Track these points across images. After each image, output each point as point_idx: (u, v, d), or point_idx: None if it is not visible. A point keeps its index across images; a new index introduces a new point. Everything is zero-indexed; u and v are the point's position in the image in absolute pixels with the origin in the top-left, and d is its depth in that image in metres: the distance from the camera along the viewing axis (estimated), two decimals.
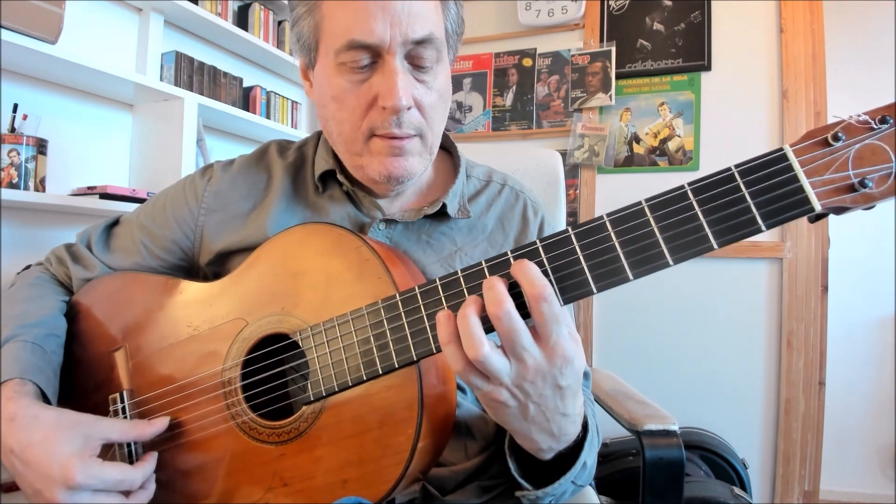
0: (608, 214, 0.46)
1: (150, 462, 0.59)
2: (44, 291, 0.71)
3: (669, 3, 2.30)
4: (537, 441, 0.51)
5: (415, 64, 0.59)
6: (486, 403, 0.49)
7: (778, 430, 2.06)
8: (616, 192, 2.34)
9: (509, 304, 0.43)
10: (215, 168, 0.75)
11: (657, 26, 2.31)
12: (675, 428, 0.85)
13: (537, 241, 0.47)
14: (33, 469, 0.52)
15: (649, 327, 2.25)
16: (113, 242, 0.75)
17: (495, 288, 0.44)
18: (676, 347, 2.20)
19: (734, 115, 2.18)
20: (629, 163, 2.33)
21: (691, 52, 2.25)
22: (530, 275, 0.44)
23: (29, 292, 0.70)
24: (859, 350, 2.34)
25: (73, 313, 0.71)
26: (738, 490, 1.68)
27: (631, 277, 0.45)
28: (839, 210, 0.42)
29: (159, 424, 0.60)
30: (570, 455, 0.54)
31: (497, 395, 0.46)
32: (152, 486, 0.58)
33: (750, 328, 2.12)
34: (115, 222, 0.78)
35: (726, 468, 1.89)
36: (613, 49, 2.33)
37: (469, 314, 0.44)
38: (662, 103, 2.29)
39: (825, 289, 2.05)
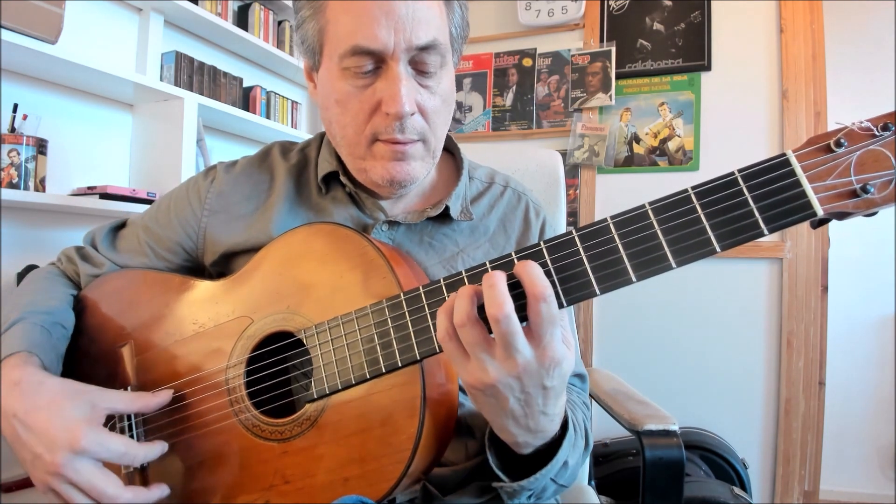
0: (612, 217, 0.46)
1: (157, 446, 0.58)
2: (53, 284, 0.72)
3: (669, 3, 2.30)
4: (513, 434, 0.51)
5: (418, 69, 0.59)
6: (466, 388, 0.49)
7: (778, 430, 2.07)
8: (616, 192, 2.34)
9: (509, 307, 0.43)
10: (218, 169, 0.75)
11: (657, 26, 2.31)
12: (675, 428, 0.85)
13: (541, 243, 0.47)
14: (36, 433, 0.52)
15: (649, 327, 2.25)
16: (119, 244, 0.76)
17: (496, 287, 0.44)
18: (676, 347, 2.20)
19: (734, 115, 2.18)
20: (629, 163, 2.33)
21: (691, 52, 2.25)
22: (533, 274, 0.44)
23: (39, 285, 0.71)
24: (859, 350, 2.34)
25: (80, 308, 0.71)
26: (738, 490, 1.69)
27: (634, 280, 0.45)
28: (841, 215, 0.42)
29: (163, 396, 0.60)
30: (548, 452, 0.55)
31: (475, 383, 0.47)
32: (158, 492, 0.58)
33: (750, 328, 2.12)
34: (122, 225, 0.78)
35: (726, 468, 1.89)
36: (613, 49, 2.33)
37: (462, 293, 0.46)
38: (662, 103, 2.29)
39: (825, 289, 2.05)
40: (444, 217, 0.70)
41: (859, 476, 2.30)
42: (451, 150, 0.78)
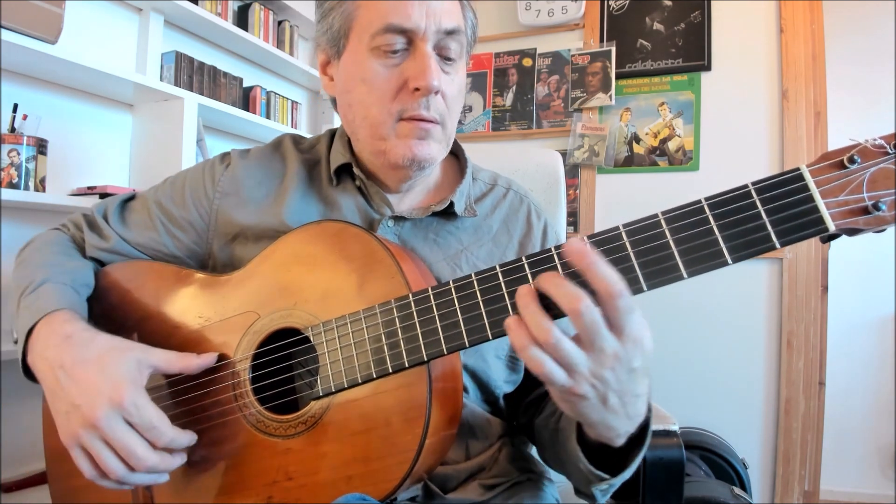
0: (624, 225, 0.46)
1: (187, 435, 0.57)
2: (69, 250, 0.72)
3: (669, 3, 2.30)
4: (615, 427, 0.50)
5: (442, 54, 0.64)
6: (564, 399, 0.48)
7: (778, 430, 2.07)
8: (616, 192, 2.34)
9: (587, 297, 0.43)
10: (233, 155, 0.76)
11: (657, 26, 2.31)
12: (675, 428, 0.85)
13: (552, 249, 0.47)
14: (79, 385, 0.53)
15: (649, 327, 2.24)
16: (129, 217, 0.75)
17: (566, 285, 0.43)
18: (676, 347, 2.21)
19: (734, 115, 2.18)
20: (629, 163, 2.33)
21: (691, 52, 2.26)
22: (604, 273, 0.43)
23: (55, 248, 0.71)
24: (859, 350, 2.35)
25: None
26: (738, 490, 1.68)
27: (645, 288, 0.45)
28: (852, 231, 0.42)
29: (208, 359, 0.59)
30: (639, 434, 0.53)
31: (577, 389, 0.45)
32: (180, 460, 0.57)
33: (750, 328, 2.12)
34: (132, 197, 0.78)
35: (726, 468, 1.89)
36: (613, 49, 2.34)
37: (528, 303, 0.44)
38: (662, 103, 2.29)
39: (825, 289, 2.05)
40: (449, 214, 0.71)
41: (859, 476, 2.30)
42: (454, 152, 0.80)
